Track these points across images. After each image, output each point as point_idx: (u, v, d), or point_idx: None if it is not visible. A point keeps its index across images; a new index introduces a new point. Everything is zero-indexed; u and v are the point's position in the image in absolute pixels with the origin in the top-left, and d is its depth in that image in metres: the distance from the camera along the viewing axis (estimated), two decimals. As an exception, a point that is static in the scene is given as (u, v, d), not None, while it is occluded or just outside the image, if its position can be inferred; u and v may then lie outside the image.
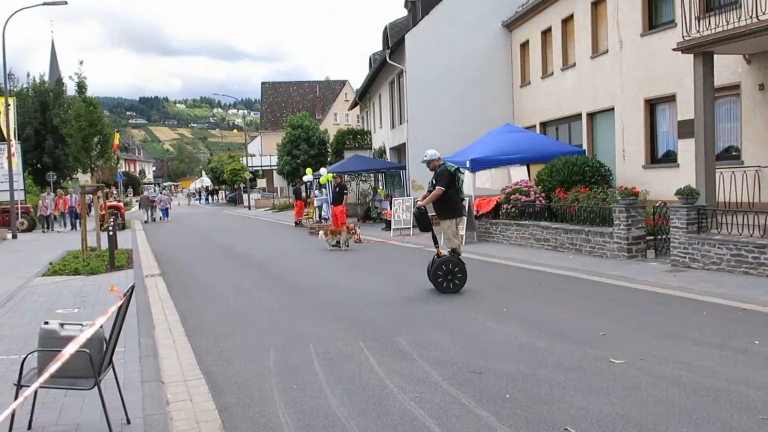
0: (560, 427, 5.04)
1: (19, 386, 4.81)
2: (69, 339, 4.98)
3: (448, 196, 11.40)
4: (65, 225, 32.86)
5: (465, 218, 16.18)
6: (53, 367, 4.11)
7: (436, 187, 11.32)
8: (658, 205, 14.68)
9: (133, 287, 5.33)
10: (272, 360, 7.31)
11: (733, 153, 15.97)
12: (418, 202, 11.70)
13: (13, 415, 4.80)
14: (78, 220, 30.11)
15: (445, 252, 11.62)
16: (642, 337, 7.65)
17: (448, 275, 11.14)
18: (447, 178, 11.37)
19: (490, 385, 6.10)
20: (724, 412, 5.21)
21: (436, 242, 11.65)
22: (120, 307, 5.07)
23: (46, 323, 5.14)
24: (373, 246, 20.29)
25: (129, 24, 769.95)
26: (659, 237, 14.14)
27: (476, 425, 5.15)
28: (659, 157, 18.71)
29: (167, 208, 43.78)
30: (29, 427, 5.13)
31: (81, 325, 5.12)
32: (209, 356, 7.61)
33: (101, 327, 5.09)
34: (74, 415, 5.43)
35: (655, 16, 18.50)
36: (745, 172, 14.56)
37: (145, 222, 39.61)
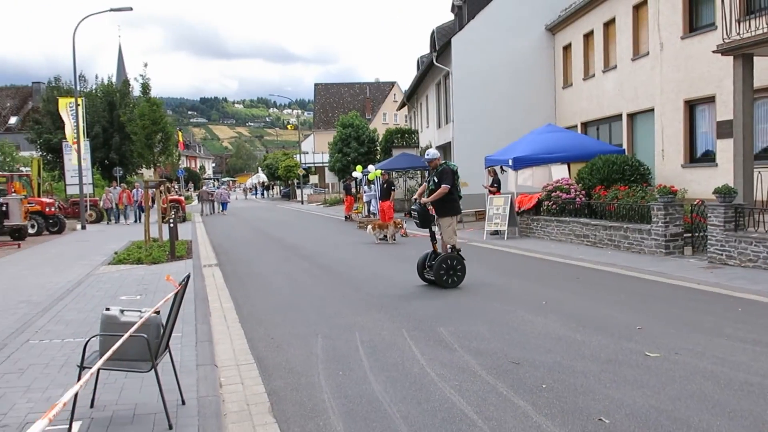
0: (594, 417, 4.97)
1: (82, 368, 4.92)
2: (128, 324, 5.08)
3: (450, 194, 11.16)
4: (127, 217, 32.92)
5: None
6: (110, 351, 4.20)
7: (442, 185, 10.97)
8: (696, 203, 14.33)
9: (188, 277, 5.37)
10: (320, 347, 7.35)
11: (772, 153, 15.49)
12: (423, 200, 11.26)
13: (76, 394, 4.94)
14: (143, 213, 30.71)
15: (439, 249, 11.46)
16: (678, 331, 7.48)
17: (450, 270, 10.98)
18: (451, 176, 11.10)
19: (528, 375, 6.05)
20: (758, 406, 5.07)
21: (434, 239, 11.36)
22: (176, 295, 5.15)
23: (108, 309, 5.22)
24: (419, 240, 20.22)
25: (189, 29, 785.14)
26: (696, 234, 13.81)
27: (513, 413, 5.12)
28: (698, 157, 18.23)
29: (226, 202, 44.53)
30: (91, 406, 5.24)
31: (140, 311, 5.20)
32: (261, 342, 7.70)
33: (158, 313, 5.18)
34: (133, 396, 5.53)
35: (695, 19, 18.01)
36: (783, 171, 14.11)
37: (203, 215, 40.26)
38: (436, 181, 11.04)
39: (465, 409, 5.26)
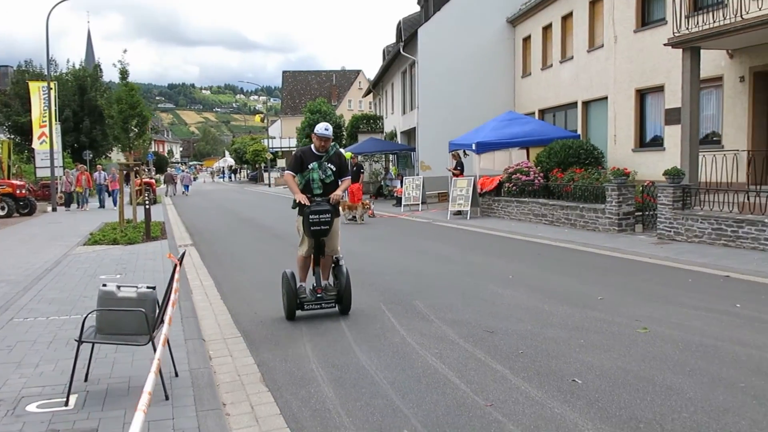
0: (568, 378, 5.12)
1: (80, 342, 4.87)
2: (125, 300, 5.05)
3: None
4: (86, 202, 29.42)
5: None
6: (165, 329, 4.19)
7: (346, 178, 7.68)
8: (646, 184, 14.72)
9: (183, 254, 5.36)
10: (303, 321, 7.35)
11: (715, 138, 15.94)
12: (336, 195, 7.38)
13: (74, 368, 4.88)
14: (109, 197, 29.80)
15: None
16: (636, 301, 7.72)
17: None
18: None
19: (503, 342, 6.18)
20: (713, 365, 5.29)
21: (322, 252, 7.59)
22: (173, 272, 5.15)
23: (105, 285, 5.17)
24: (386, 220, 20.36)
25: (149, 16, 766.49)
26: (647, 213, 14.20)
27: (492, 377, 5.25)
28: (647, 142, 18.66)
29: (188, 184, 45.02)
30: (86, 380, 5.16)
31: (136, 287, 5.15)
32: (244, 317, 7.65)
33: (154, 289, 5.16)
34: (126, 369, 5.47)
35: (647, 14, 18.33)
36: (725, 155, 14.56)
37: (167, 195, 40.37)
38: (334, 170, 7.49)
39: (447, 374, 5.36)
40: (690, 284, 8.64)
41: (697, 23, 13.92)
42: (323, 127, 7.50)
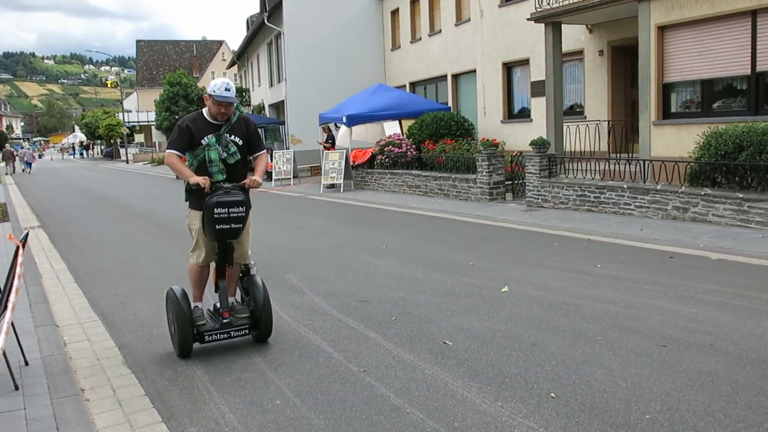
0: (439, 341, 5.36)
1: None
2: None
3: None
4: None
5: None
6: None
7: (262, 153, 5.78)
8: (514, 154, 15.48)
9: (27, 235, 5.15)
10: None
11: (577, 109, 17.00)
12: (254, 180, 5.60)
13: None
14: None
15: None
16: (505, 265, 8.14)
17: None
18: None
19: (376, 311, 6.35)
20: (575, 321, 5.71)
21: (228, 260, 5.66)
22: (15, 254, 4.90)
23: None
24: (256, 195, 19.84)
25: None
26: (516, 182, 14.94)
27: (366, 344, 5.40)
28: (515, 113, 19.58)
29: (31, 162, 44.30)
30: None
31: None
32: (103, 300, 7.38)
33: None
34: (-34, 362, 5.16)
35: (511, -11, 19.12)
36: (587, 125, 15.58)
37: (6, 174, 38.39)
38: (240, 144, 5.49)
39: (320, 344, 5.45)
40: (556, 248, 9.22)
41: (558, -2, 14.73)
42: (223, 86, 5.18)
